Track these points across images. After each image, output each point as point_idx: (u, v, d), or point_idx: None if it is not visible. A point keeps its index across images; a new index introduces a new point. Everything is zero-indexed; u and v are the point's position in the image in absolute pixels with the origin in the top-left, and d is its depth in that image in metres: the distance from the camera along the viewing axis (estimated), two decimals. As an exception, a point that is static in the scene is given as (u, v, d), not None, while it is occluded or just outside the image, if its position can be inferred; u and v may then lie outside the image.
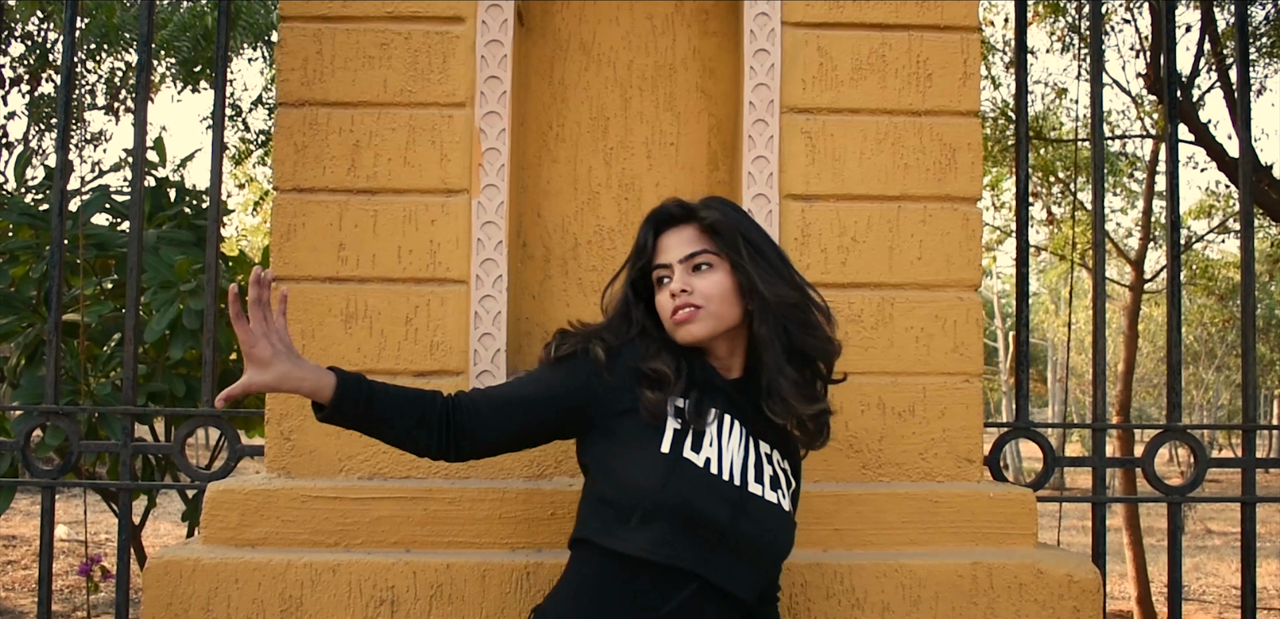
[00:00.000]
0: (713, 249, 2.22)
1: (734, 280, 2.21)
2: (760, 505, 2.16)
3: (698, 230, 2.24)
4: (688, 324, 2.20)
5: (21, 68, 10.67)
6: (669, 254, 2.24)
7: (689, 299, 2.19)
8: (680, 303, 2.19)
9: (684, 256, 2.22)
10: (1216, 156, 8.56)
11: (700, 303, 2.19)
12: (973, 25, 3.01)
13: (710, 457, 2.15)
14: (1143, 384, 24.07)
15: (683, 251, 2.23)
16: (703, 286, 2.20)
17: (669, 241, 2.26)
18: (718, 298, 2.20)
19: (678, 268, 2.22)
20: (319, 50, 2.94)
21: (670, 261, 2.23)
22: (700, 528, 2.10)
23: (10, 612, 9.36)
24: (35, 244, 4.70)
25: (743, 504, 2.14)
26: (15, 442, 3.26)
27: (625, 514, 2.12)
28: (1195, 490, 3.33)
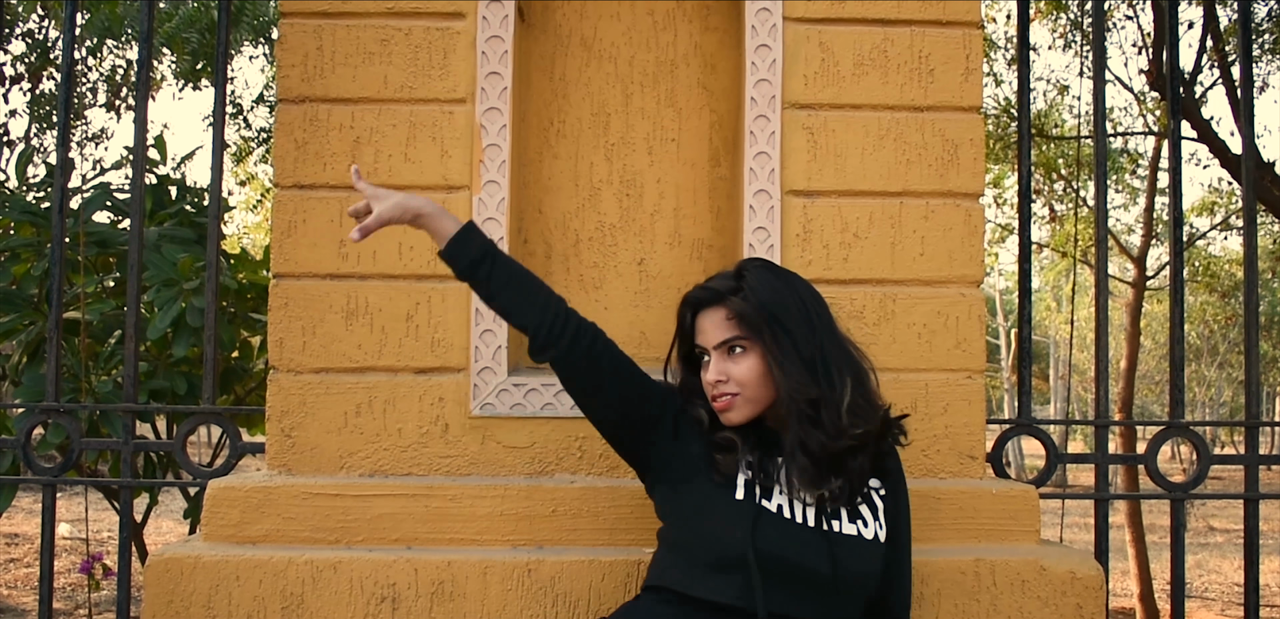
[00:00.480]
0: (744, 334, 2.22)
1: (764, 364, 2.22)
2: (845, 542, 2.17)
3: (727, 314, 2.25)
4: (727, 411, 2.23)
5: (22, 65, 10.68)
6: (705, 337, 2.27)
7: (724, 388, 2.22)
8: (717, 393, 2.23)
9: (718, 344, 2.24)
10: (1219, 153, 8.55)
11: (736, 390, 2.22)
12: (975, 21, 3.00)
13: (782, 503, 2.18)
14: (1145, 381, 24.08)
15: (716, 338, 2.25)
16: (737, 374, 2.22)
17: (705, 323, 2.28)
18: (753, 383, 2.22)
19: (714, 354, 2.25)
20: (319, 47, 2.94)
21: (707, 345, 2.26)
22: (791, 575, 2.13)
23: (12, 610, 9.36)
24: (36, 242, 4.69)
25: (830, 546, 2.15)
26: (17, 439, 3.26)
27: (706, 560, 2.16)
28: (1198, 487, 3.32)
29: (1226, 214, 13.27)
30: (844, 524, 2.18)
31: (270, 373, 2.91)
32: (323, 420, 2.88)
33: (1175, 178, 3.38)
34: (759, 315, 2.21)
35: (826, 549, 2.13)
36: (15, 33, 10.41)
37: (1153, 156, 10.92)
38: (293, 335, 2.89)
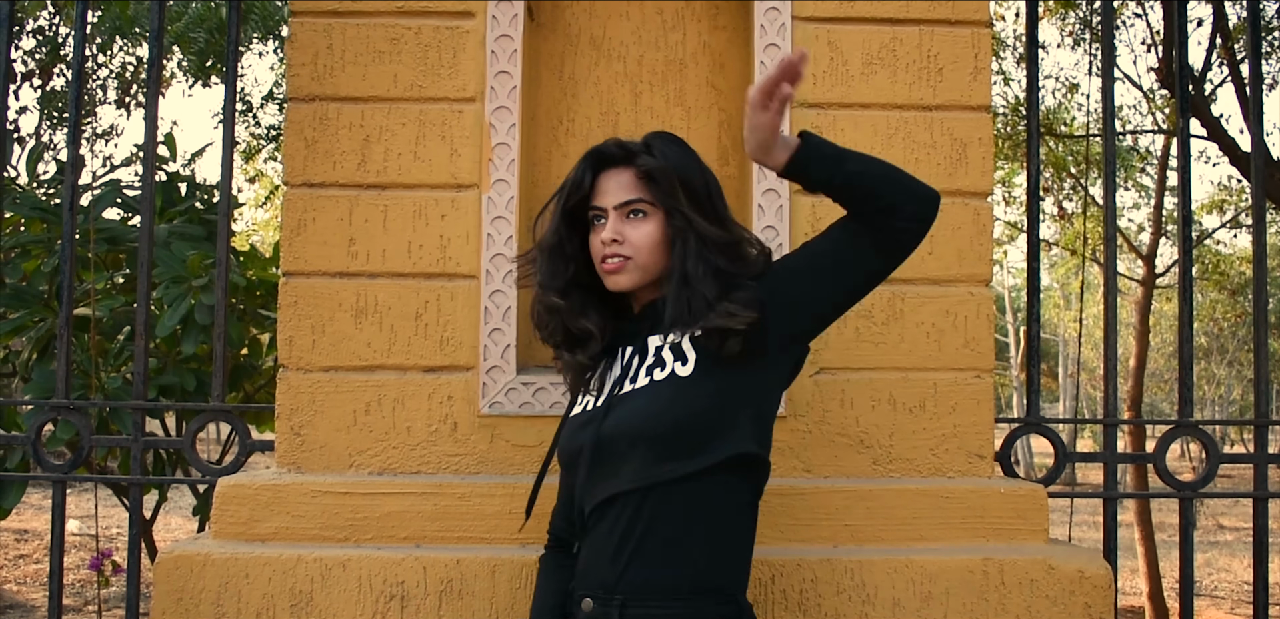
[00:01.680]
0: (648, 198, 2.19)
1: (665, 231, 2.19)
2: (628, 397, 2.17)
3: (635, 176, 2.21)
4: (616, 274, 2.19)
5: (33, 62, 10.71)
6: (605, 197, 2.21)
7: (619, 250, 2.18)
8: (610, 252, 2.19)
9: (619, 203, 2.20)
10: (1228, 151, 8.53)
11: (629, 254, 2.18)
12: (984, 20, 3.00)
13: (588, 400, 2.24)
14: (1154, 379, 24.03)
15: (618, 198, 2.20)
16: (634, 237, 2.18)
17: (606, 184, 2.23)
18: (647, 249, 2.18)
19: (612, 214, 2.20)
20: (329, 45, 2.94)
21: (605, 206, 2.21)
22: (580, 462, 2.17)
23: (22, 605, 9.39)
24: (47, 238, 4.71)
25: (607, 411, 2.17)
26: (27, 436, 3.27)
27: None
28: (1207, 486, 3.31)
29: (1236, 212, 13.24)
30: (642, 380, 2.17)
31: (280, 371, 2.92)
32: (332, 418, 2.89)
33: (1184, 176, 3.37)
34: (671, 180, 2.18)
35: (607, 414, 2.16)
36: (26, 30, 10.44)
37: (1162, 154, 10.89)
38: (302, 333, 2.90)
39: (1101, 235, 3.39)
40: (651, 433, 2.10)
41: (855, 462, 2.90)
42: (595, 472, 2.14)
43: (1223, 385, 27.01)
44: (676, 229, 2.17)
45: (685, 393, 2.11)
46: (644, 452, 2.09)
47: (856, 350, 2.92)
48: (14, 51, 9.72)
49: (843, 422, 2.90)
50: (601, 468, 2.14)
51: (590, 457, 2.14)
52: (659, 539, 2.08)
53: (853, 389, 2.91)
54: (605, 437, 2.13)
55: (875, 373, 2.91)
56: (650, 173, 2.19)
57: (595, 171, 2.24)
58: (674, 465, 2.08)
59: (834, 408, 2.89)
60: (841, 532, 2.79)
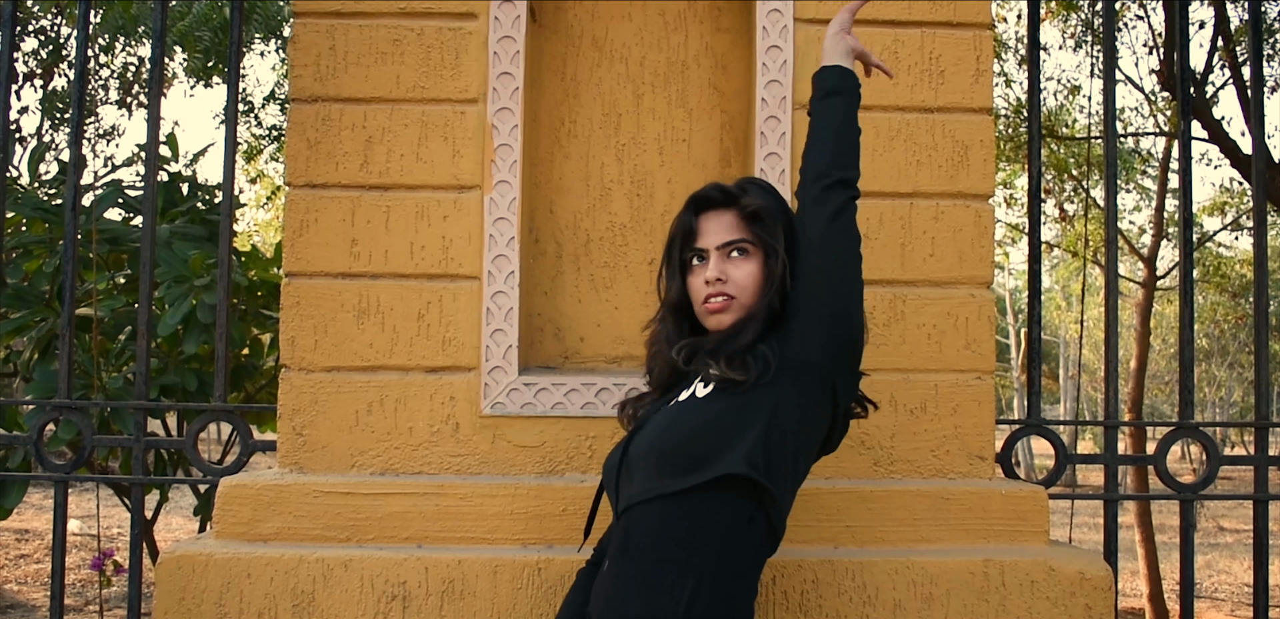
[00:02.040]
0: (750, 238, 2.25)
1: (763, 269, 2.24)
2: (653, 418, 2.23)
3: (737, 217, 2.27)
4: (720, 314, 2.24)
5: (35, 62, 10.71)
6: (706, 239, 2.27)
7: (723, 289, 2.22)
8: (714, 291, 2.23)
9: (722, 243, 2.25)
10: (1230, 153, 8.53)
11: (733, 292, 2.23)
12: (985, 22, 3.00)
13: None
14: (1155, 381, 24.02)
15: (722, 238, 2.26)
16: (737, 276, 2.23)
17: (707, 225, 2.29)
18: (749, 288, 2.23)
19: (715, 254, 2.25)
20: (332, 46, 2.95)
21: (707, 247, 2.26)
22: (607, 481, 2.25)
23: (23, 605, 9.39)
24: (48, 238, 4.71)
25: (636, 432, 2.23)
26: (28, 436, 3.27)
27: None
28: (1207, 488, 3.32)
29: (1237, 214, 13.23)
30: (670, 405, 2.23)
31: (282, 371, 2.92)
32: (334, 419, 2.89)
33: (1186, 178, 3.37)
34: (774, 220, 2.25)
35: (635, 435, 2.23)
36: (28, 30, 10.44)
37: (1163, 157, 10.89)
38: (304, 334, 2.90)
39: (1103, 237, 3.39)
40: (659, 448, 2.14)
41: (856, 463, 2.90)
42: (619, 489, 2.20)
43: (1223, 388, 27.02)
44: (772, 270, 2.23)
45: (693, 412, 2.16)
46: (651, 466, 2.13)
47: (858, 352, 2.92)
48: (16, 51, 9.73)
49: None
50: (623, 484, 2.19)
51: (616, 475, 2.21)
52: (655, 553, 2.07)
53: (854, 390, 2.91)
54: (630, 455, 2.19)
55: (876, 374, 2.91)
56: (757, 213, 2.25)
57: (696, 214, 2.31)
58: (671, 481, 2.09)
59: (835, 409, 2.89)
60: (842, 533, 2.79)
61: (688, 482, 2.07)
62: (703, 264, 2.26)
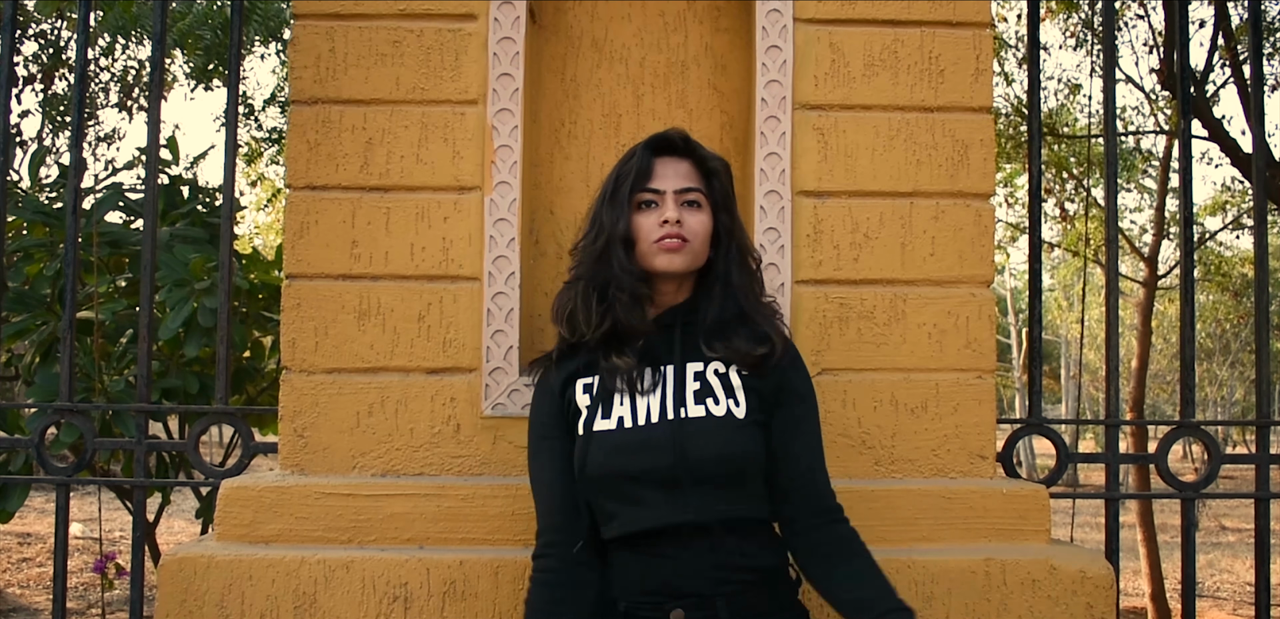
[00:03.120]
0: (705, 190, 2.28)
1: (713, 226, 2.28)
2: (695, 424, 2.19)
3: (694, 167, 2.30)
4: (673, 253, 2.23)
5: (35, 66, 10.71)
6: (663, 181, 2.27)
7: (679, 231, 2.23)
8: (670, 232, 2.23)
9: (680, 188, 2.26)
10: (1230, 152, 8.53)
11: (688, 236, 2.24)
12: (985, 21, 3.00)
13: (622, 415, 2.22)
14: (1156, 380, 24.01)
15: (680, 183, 2.27)
16: (691, 222, 2.25)
17: (664, 169, 2.29)
18: (701, 237, 2.26)
19: (671, 196, 2.25)
20: (332, 48, 2.95)
21: (664, 189, 2.26)
22: (637, 482, 2.17)
23: (25, 609, 9.40)
24: (49, 242, 4.72)
25: (679, 433, 2.18)
26: (30, 439, 3.28)
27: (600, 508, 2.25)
28: (1209, 487, 3.32)
29: (1238, 213, 13.23)
30: (697, 406, 2.21)
31: (283, 373, 2.92)
32: (335, 421, 2.89)
33: (1186, 177, 3.37)
34: (726, 181, 2.32)
35: (681, 435, 2.18)
36: (28, 33, 10.45)
37: (1164, 156, 10.88)
38: (305, 336, 2.90)
39: (1103, 236, 3.39)
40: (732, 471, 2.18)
41: (857, 462, 2.90)
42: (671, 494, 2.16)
43: (1225, 386, 27.01)
44: (723, 229, 2.28)
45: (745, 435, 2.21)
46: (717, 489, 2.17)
47: (858, 351, 2.92)
48: (16, 55, 9.74)
49: (845, 422, 2.90)
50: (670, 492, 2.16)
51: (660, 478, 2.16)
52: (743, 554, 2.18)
53: (855, 390, 2.91)
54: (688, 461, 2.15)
55: (877, 374, 2.91)
56: (712, 169, 2.30)
57: (654, 154, 2.31)
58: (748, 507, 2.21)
59: (836, 408, 2.90)
60: (844, 533, 2.79)
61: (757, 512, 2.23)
62: (654, 207, 2.26)
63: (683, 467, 2.15)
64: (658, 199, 2.26)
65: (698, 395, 2.22)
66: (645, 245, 2.25)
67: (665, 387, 2.24)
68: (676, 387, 2.23)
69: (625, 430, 2.20)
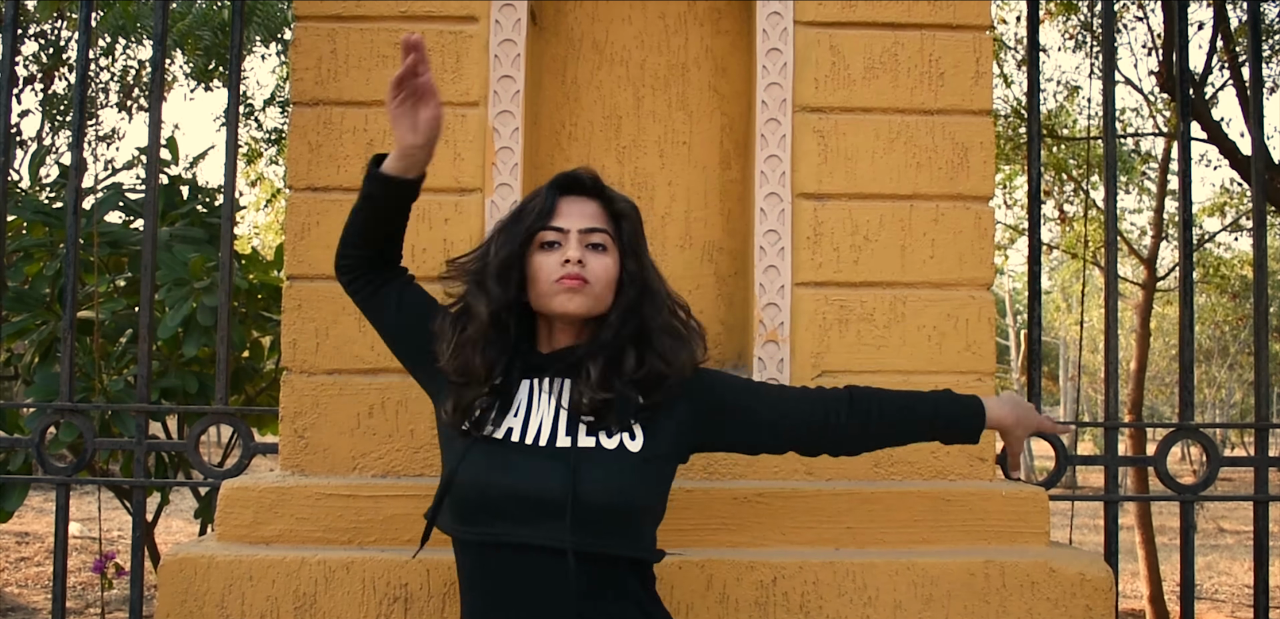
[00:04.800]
0: (612, 233, 2.19)
1: (619, 272, 2.18)
2: (586, 454, 2.09)
3: (601, 209, 2.20)
4: (573, 294, 2.13)
5: (35, 66, 10.71)
6: (568, 219, 2.17)
7: (581, 272, 2.12)
8: (571, 272, 2.12)
9: (584, 228, 2.16)
10: (1229, 154, 8.53)
11: (589, 278, 2.13)
12: (985, 24, 3.01)
13: (512, 426, 2.13)
14: (1155, 382, 24.02)
15: (585, 223, 2.17)
16: (594, 266, 2.14)
17: (570, 208, 2.19)
18: (603, 281, 2.15)
19: (575, 236, 2.15)
20: (333, 49, 2.95)
21: (568, 227, 2.16)
22: (507, 499, 2.07)
23: (24, 608, 9.39)
24: (49, 242, 4.72)
25: (564, 460, 2.08)
26: (30, 438, 3.28)
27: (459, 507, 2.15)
28: (1208, 489, 3.32)
29: (1237, 215, 13.23)
30: (587, 438, 2.11)
31: (283, 374, 2.92)
32: (336, 421, 2.90)
33: (1185, 179, 3.38)
34: (635, 226, 2.21)
35: (566, 467, 2.07)
36: (28, 33, 10.45)
37: (1163, 158, 10.88)
38: (306, 337, 2.90)
39: (1102, 238, 3.39)
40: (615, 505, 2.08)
41: (857, 464, 2.90)
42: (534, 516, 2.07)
43: (1223, 389, 27.01)
44: (629, 275, 2.18)
45: (642, 475, 2.12)
46: (601, 519, 2.07)
47: (858, 353, 2.92)
48: (16, 55, 9.74)
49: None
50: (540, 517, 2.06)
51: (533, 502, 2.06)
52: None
53: (855, 392, 2.92)
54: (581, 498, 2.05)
55: (877, 376, 2.91)
56: (620, 212, 2.20)
57: (561, 193, 2.21)
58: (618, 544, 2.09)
59: (836, 411, 2.90)
60: (843, 534, 2.80)
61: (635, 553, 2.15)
62: (557, 248, 2.15)
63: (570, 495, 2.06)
64: (561, 238, 2.15)
65: (589, 428, 2.13)
66: (545, 286, 2.14)
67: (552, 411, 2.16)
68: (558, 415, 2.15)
69: (514, 444, 2.12)
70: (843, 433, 2.30)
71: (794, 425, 2.30)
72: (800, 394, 2.34)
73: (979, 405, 2.36)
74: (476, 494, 2.09)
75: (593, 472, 2.06)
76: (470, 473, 2.09)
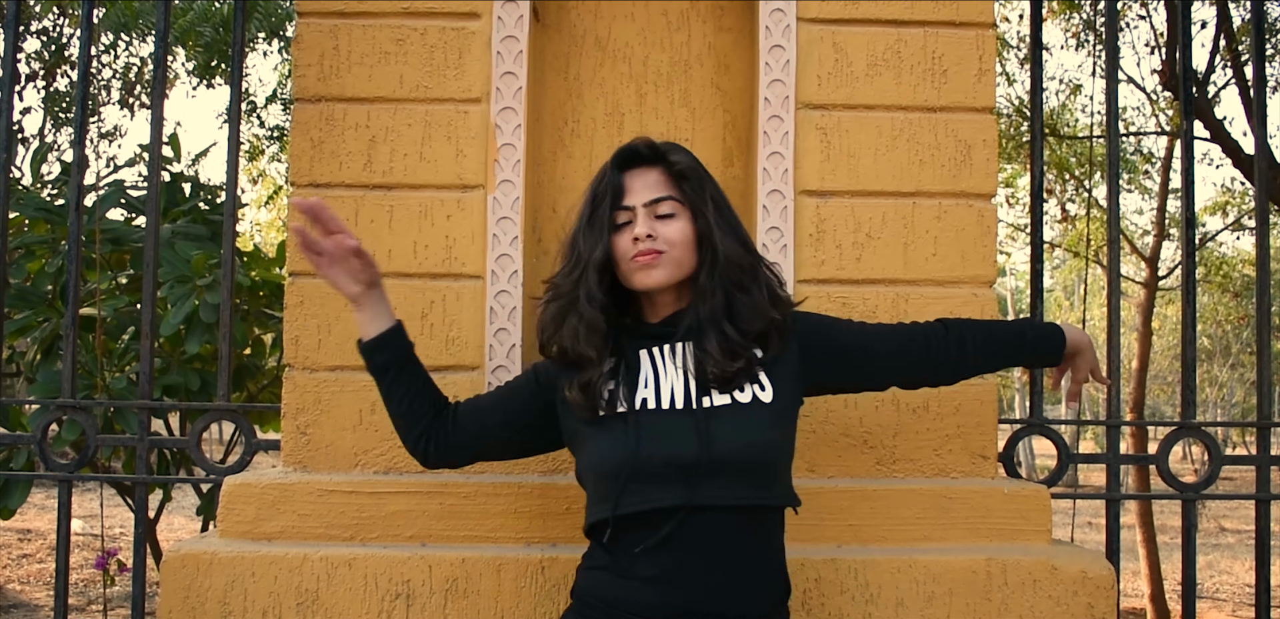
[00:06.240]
0: (678, 196, 2.21)
1: (694, 230, 2.20)
2: (723, 411, 2.15)
3: (664, 175, 2.23)
4: (650, 268, 2.18)
5: (37, 63, 10.71)
6: (634, 196, 2.21)
7: (652, 245, 2.17)
8: (643, 248, 2.17)
9: (649, 201, 2.20)
10: (1232, 153, 8.52)
11: (663, 248, 2.17)
12: (988, 21, 3.01)
13: (646, 397, 2.17)
14: (1157, 381, 24.00)
15: (648, 196, 2.20)
16: (666, 233, 2.18)
17: (634, 183, 2.23)
18: (680, 244, 2.19)
19: (641, 211, 2.19)
20: (335, 46, 2.95)
21: (634, 204, 2.20)
22: (669, 465, 2.10)
23: (26, 605, 9.40)
24: (51, 239, 4.72)
25: (705, 421, 2.13)
26: (32, 435, 3.28)
27: (604, 494, 2.15)
28: (1209, 488, 3.32)
29: (1239, 214, 13.22)
30: (722, 396, 2.16)
31: (286, 370, 2.92)
32: (338, 418, 2.90)
33: (1188, 178, 3.38)
34: (700, 180, 2.23)
35: (708, 423, 2.12)
36: (30, 30, 10.44)
37: (1165, 156, 10.88)
38: (308, 333, 2.91)
39: (1105, 237, 3.38)
40: (759, 459, 2.14)
41: (859, 462, 2.91)
42: (689, 476, 2.10)
43: (1225, 388, 27.00)
44: (702, 230, 2.20)
45: (776, 422, 2.19)
46: (750, 476, 2.13)
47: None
48: (19, 52, 9.74)
49: (846, 422, 2.91)
50: (695, 476, 2.10)
51: (690, 464, 2.10)
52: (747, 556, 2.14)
53: (857, 390, 2.92)
54: (718, 449, 2.10)
55: (879, 373, 2.92)
56: (682, 171, 2.22)
57: (622, 170, 2.25)
58: (764, 494, 2.16)
59: (838, 407, 2.90)
60: (845, 532, 2.80)
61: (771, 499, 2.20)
62: (629, 225, 2.20)
63: (723, 452, 2.12)
64: (631, 216, 2.20)
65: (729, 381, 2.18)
66: (625, 266, 2.21)
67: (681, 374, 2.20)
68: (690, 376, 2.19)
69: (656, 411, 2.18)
70: (944, 359, 2.44)
71: (907, 357, 2.41)
72: (898, 328, 2.47)
73: (1059, 330, 2.55)
74: (629, 467, 2.11)
75: (731, 428, 2.13)
76: (615, 449, 2.14)
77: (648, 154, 2.26)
